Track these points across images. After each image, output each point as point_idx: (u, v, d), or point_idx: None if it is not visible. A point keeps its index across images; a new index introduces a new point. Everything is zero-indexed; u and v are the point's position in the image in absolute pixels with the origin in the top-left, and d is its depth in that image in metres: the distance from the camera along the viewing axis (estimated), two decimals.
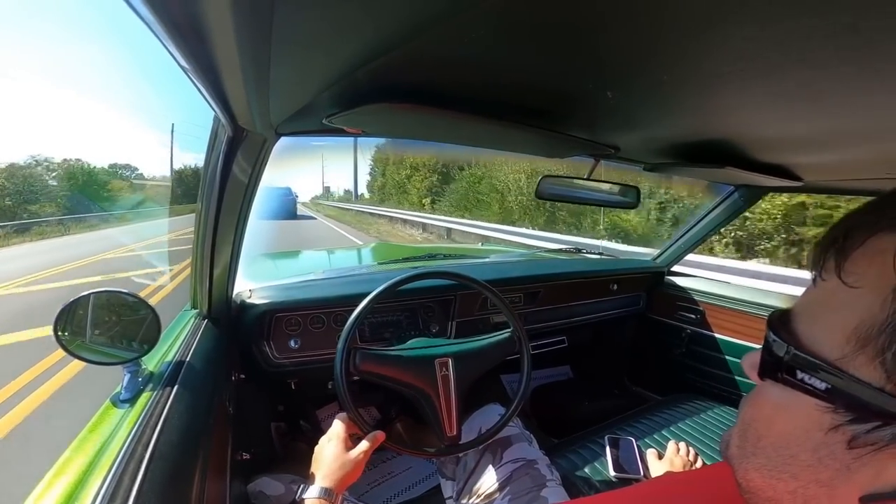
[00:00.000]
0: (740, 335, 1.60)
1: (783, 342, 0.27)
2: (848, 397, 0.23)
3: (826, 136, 0.67)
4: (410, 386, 0.92)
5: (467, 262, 1.76)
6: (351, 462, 0.80)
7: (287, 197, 21.94)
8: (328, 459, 0.80)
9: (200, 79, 0.42)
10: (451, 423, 0.91)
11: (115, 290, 0.74)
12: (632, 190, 1.13)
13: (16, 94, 49.93)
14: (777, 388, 0.27)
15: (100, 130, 62.46)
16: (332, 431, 0.84)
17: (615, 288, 1.76)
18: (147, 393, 0.67)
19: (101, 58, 77.53)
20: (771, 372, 0.28)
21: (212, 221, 0.80)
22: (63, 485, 0.48)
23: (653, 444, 1.19)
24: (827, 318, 0.26)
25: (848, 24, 0.30)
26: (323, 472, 0.78)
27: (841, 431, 0.24)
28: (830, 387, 0.24)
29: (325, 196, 59.33)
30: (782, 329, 0.28)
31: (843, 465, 0.24)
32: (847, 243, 0.25)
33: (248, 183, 0.78)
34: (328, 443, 0.82)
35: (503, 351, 1.01)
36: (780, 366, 0.27)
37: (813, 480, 0.26)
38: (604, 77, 0.49)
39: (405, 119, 0.64)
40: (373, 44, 0.39)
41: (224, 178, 0.73)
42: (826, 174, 1.07)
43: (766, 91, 0.48)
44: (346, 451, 0.81)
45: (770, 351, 0.28)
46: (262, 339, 1.15)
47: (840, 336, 0.24)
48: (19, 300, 5.61)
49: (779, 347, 0.27)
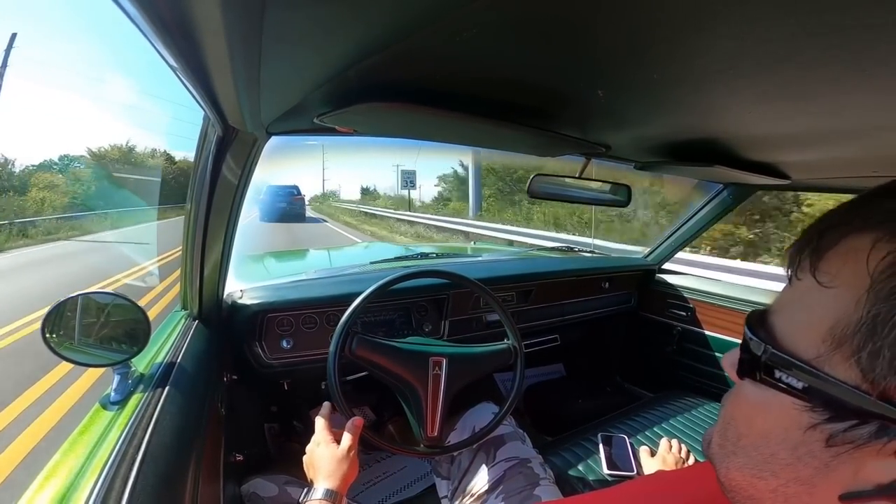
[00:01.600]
0: (730, 332, 1.61)
1: (760, 341, 0.27)
2: (825, 396, 0.23)
3: (813, 134, 0.68)
4: (401, 379, 0.91)
5: (460, 261, 1.76)
6: (346, 459, 0.79)
7: (294, 196, 19.09)
8: (324, 461, 0.79)
9: (189, 78, 0.42)
10: (433, 423, 0.90)
11: (103, 291, 0.74)
12: (623, 188, 1.13)
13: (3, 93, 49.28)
14: (755, 387, 0.27)
15: (89, 129, 61.63)
16: (318, 435, 0.83)
17: (607, 286, 1.77)
18: (138, 395, 0.67)
19: (88, 55, 76.24)
20: (749, 371, 0.28)
21: (202, 221, 0.79)
22: (54, 488, 0.48)
23: (645, 442, 1.20)
24: (802, 318, 0.26)
25: (834, 23, 0.31)
26: (323, 475, 0.77)
27: (819, 430, 0.24)
28: (807, 386, 0.24)
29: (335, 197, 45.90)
30: (760, 328, 0.28)
31: (822, 464, 0.24)
32: (822, 243, 0.25)
33: (238, 183, 0.77)
34: (318, 447, 0.81)
35: (498, 361, 1.02)
36: (758, 365, 0.27)
37: (793, 479, 0.26)
38: (595, 76, 0.49)
39: (397, 118, 0.64)
40: (364, 43, 0.39)
41: (214, 177, 0.72)
42: (813, 172, 1.08)
43: (755, 90, 0.48)
44: (338, 450, 0.80)
45: (748, 350, 0.28)
46: (255, 339, 1.14)
47: (815, 335, 0.24)
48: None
49: (756, 346, 0.27)
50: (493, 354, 1.01)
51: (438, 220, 14.10)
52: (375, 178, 62.73)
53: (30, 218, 14.66)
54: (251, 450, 1.26)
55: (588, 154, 0.97)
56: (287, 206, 17.98)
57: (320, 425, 0.83)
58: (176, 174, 29.01)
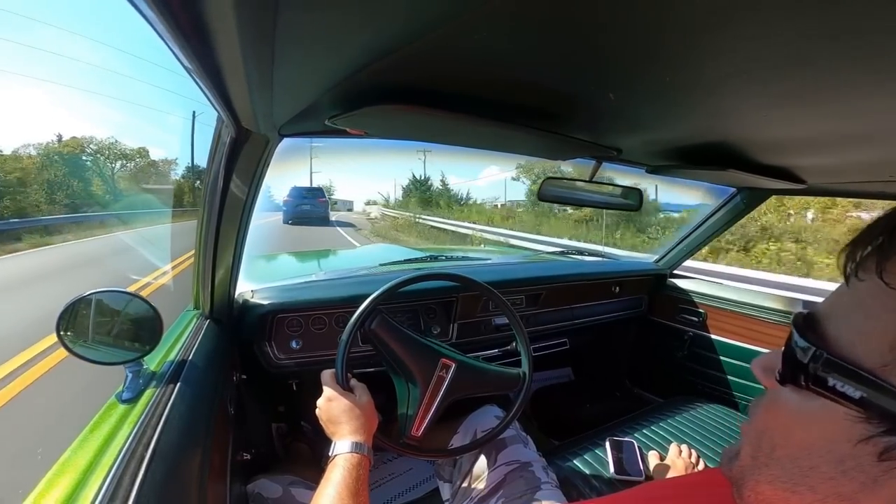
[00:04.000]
0: (742, 338, 1.59)
1: (811, 346, 0.25)
2: (884, 407, 0.21)
3: (829, 138, 0.67)
4: (406, 369, 0.91)
5: (469, 264, 1.76)
6: (365, 406, 0.78)
7: (319, 199, 18.08)
8: (343, 414, 0.76)
9: (204, 79, 0.42)
10: (421, 422, 0.89)
11: (117, 289, 0.75)
12: (634, 192, 1.12)
13: (20, 94, 50.41)
14: (798, 395, 0.25)
15: (108, 129, 62.81)
16: (328, 391, 0.80)
17: (617, 290, 1.76)
18: (149, 393, 0.67)
19: (106, 57, 77.62)
20: (793, 377, 0.26)
21: (214, 222, 0.80)
22: (64, 483, 0.48)
23: (654, 447, 1.19)
24: (864, 322, 0.23)
25: (850, 26, 0.30)
26: (345, 428, 0.74)
27: (872, 443, 0.22)
28: (865, 396, 0.22)
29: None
30: (809, 332, 0.25)
31: (869, 478, 0.22)
32: (892, 243, 0.23)
33: (250, 184, 0.78)
34: (331, 402, 0.79)
35: (504, 385, 1.01)
36: (805, 371, 0.25)
37: (833, 494, 0.24)
38: (606, 79, 0.49)
39: (408, 120, 0.64)
40: (375, 45, 0.39)
41: (227, 178, 0.73)
42: (830, 176, 1.06)
43: (769, 93, 0.48)
44: (355, 400, 0.79)
45: (793, 355, 0.26)
46: (264, 339, 1.15)
47: (880, 342, 0.22)
48: None
49: (805, 352, 0.25)
50: (501, 377, 1.01)
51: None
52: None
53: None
54: (258, 449, 1.26)
55: (599, 157, 0.96)
56: (310, 207, 17.45)
57: (328, 380, 0.82)
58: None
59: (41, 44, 55.37)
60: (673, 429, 1.28)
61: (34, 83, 52.65)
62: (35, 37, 55.00)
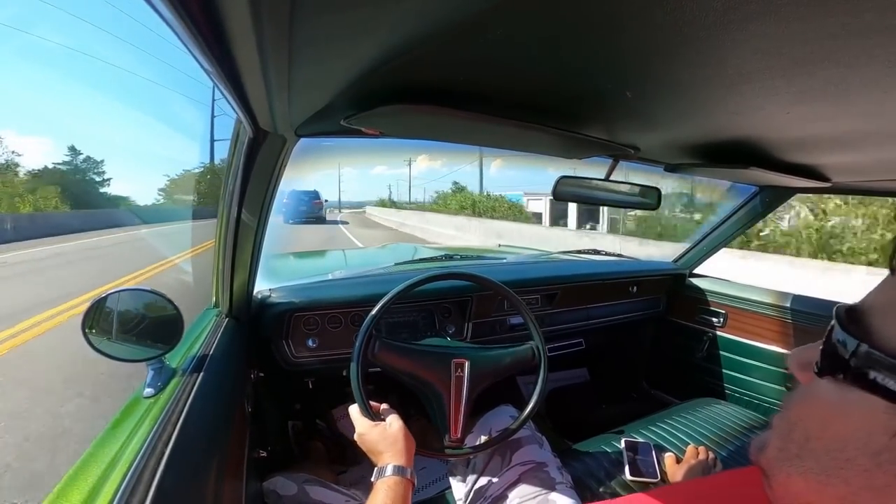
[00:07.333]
0: (765, 339, 1.56)
1: (854, 338, 0.24)
2: None
3: (855, 135, 0.65)
4: (423, 381, 0.91)
5: (484, 263, 1.76)
6: (399, 433, 0.80)
7: (314, 201, 21.26)
8: (378, 444, 0.79)
9: (222, 81, 0.43)
10: (457, 425, 0.90)
11: (139, 288, 0.76)
12: (652, 191, 1.10)
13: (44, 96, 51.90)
14: (836, 387, 0.25)
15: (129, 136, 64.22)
16: (358, 427, 0.84)
17: (635, 290, 1.74)
18: (170, 389, 0.69)
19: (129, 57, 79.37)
20: (832, 369, 0.25)
21: (233, 221, 0.81)
22: (87, 477, 0.50)
23: (671, 449, 1.17)
24: None
25: (875, 23, 0.30)
26: (387, 455, 0.77)
27: None
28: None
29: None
30: (852, 324, 0.25)
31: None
32: None
33: (268, 183, 0.79)
34: (363, 436, 0.82)
35: (521, 363, 1.01)
36: (846, 363, 0.24)
37: (866, 486, 0.24)
38: (624, 76, 0.48)
39: (423, 120, 0.64)
40: (391, 45, 0.39)
41: (245, 178, 0.74)
42: (856, 175, 1.03)
43: (792, 90, 0.47)
44: (388, 429, 0.81)
45: (833, 347, 0.26)
46: (281, 338, 1.16)
47: None
48: None
49: (847, 345, 0.25)
50: (516, 355, 1.00)
51: None
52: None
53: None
54: (274, 447, 1.28)
55: (616, 156, 0.95)
56: (307, 209, 20.06)
57: (356, 416, 0.85)
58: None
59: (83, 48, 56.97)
60: (691, 430, 1.26)
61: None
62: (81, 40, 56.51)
